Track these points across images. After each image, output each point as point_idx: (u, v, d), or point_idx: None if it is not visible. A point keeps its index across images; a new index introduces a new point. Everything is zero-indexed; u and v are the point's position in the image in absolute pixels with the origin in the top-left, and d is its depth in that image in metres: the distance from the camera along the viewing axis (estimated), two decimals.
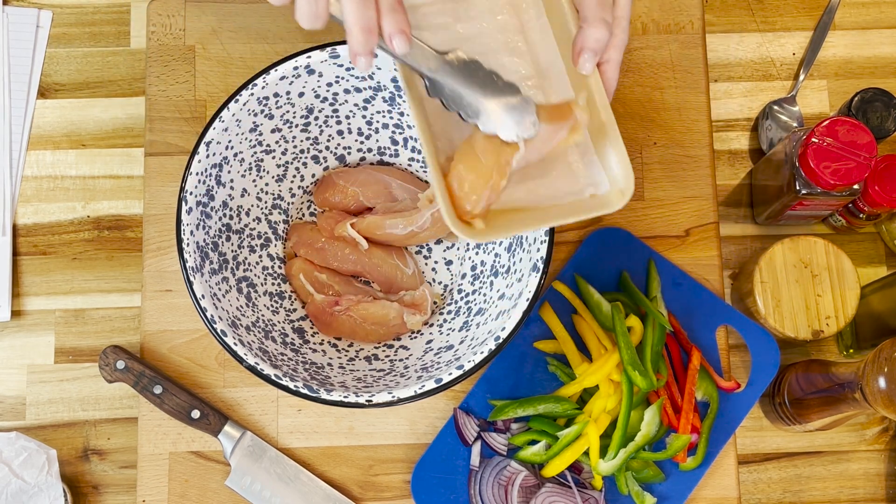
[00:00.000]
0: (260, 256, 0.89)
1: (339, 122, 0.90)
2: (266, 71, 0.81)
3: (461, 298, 0.89)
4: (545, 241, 0.78)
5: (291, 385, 0.77)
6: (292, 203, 0.92)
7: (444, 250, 0.93)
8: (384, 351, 0.88)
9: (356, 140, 0.92)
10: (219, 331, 0.78)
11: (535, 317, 0.88)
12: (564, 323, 0.88)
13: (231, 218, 0.86)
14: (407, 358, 0.86)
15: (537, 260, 0.78)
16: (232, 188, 0.86)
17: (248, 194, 0.88)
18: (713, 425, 0.86)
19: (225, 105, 0.81)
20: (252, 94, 0.81)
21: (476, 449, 0.85)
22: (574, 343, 0.87)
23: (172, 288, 0.93)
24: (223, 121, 0.81)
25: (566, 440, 0.83)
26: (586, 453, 0.84)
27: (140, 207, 1.06)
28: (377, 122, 0.90)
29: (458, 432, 0.86)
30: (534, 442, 0.85)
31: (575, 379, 0.86)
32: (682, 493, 0.85)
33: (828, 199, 0.99)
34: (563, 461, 0.84)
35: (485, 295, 0.86)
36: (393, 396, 0.76)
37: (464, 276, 0.91)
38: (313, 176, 0.93)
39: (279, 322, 0.87)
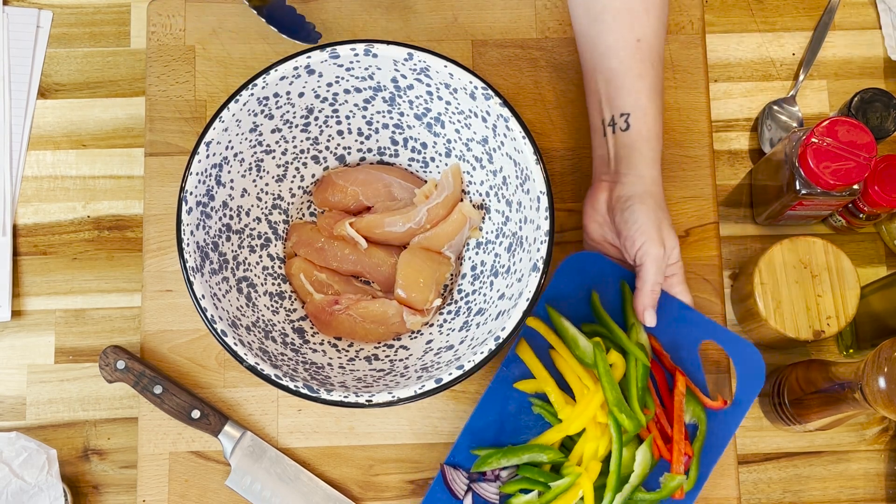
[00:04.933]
0: (260, 256, 0.89)
1: (339, 122, 0.90)
2: (266, 71, 0.81)
3: (461, 298, 0.89)
4: (545, 241, 0.78)
5: (291, 385, 0.77)
6: (292, 203, 0.92)
7: None
8: (384, 351, 0.88)
9: (356, 140, 0.92)
10: (219, 331, 0.78)
11: (512, 356, 0.84)
12: (543, 360, 0.83)
13: (231, 218, 0.86)
14: (407, 358, 0.86)
15: (537, 260, 0.78)
16: (232, 188, 0.86)
17: (248, 194, 0.88)
18: (703, 446, 0.83)
19: (225, 105, 0.81)
20: (252, 94, 0.81)
21: (468, 502, 0.83)
22: (555, 382, 0.83)
23: (172, 288, 0.93)
24: (223, 121, 0.81)
25: (558, 490, 0.81)
26: (581, 498, 0.81)
27: (140, 207, 1.06)
28: (377, 122, 0.90)
29: (448, 487, 0.83)
30: (525, 490, 0.82)
31: (560, 419, 0.82)
32: None
33: (828, 200, 0.99)
34: None
35: (485, 295, 0.86)
36: (393, 396, 0.76)
37: (464, 276, 0.91)
38: (313, 176, 0.93)
39: (279, 322, 0.87)
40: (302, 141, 0.90)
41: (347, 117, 0.89)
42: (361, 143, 0.92)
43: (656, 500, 0.81)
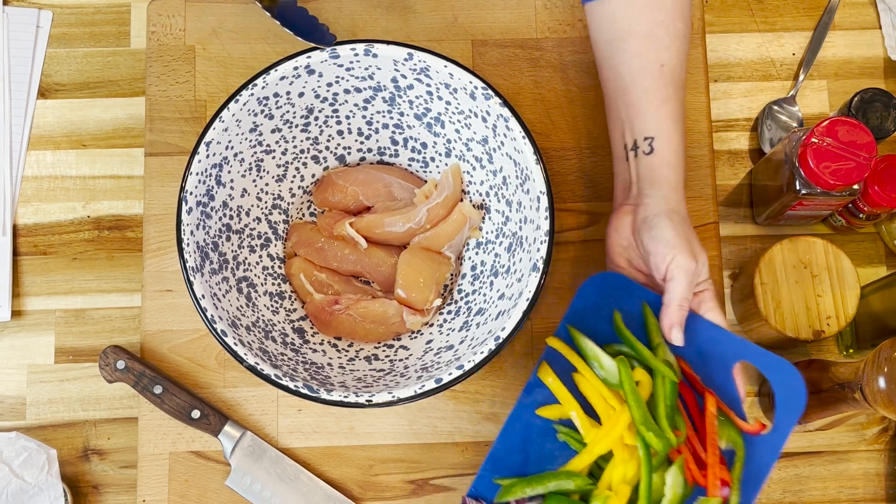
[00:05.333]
0: (260, 256, 0.89)
1: (339, 122, 0.90)
2: (266, 71, 0.81)
3: (461, 298, 0.89)
4: (545, 241, 0.78)
5: (291, 385, 0.77)
6: (292, 203, 0.92)
7: None
8: (384, 351, 0.88)
9: (356, 140, 0.92)
10: (219, 331, 0.78)
11: (535, 382, 0.79)
12: (567, 384, 0.79)
13: (231, 218, 0.86)
14: (407, 358, 0.86)
15: (537, 260, 0.78)
16: (232, 188, 0.86)
17: (248, 194, 0.88)
18: (742, 474, 0.76)
19: (225, 105, 0.81)
20: (252, 94, 0.81)
21: None
22: (580, 405, 0.78)
23: (172, 288, 0.93)
24: (223, 121, 0.81)
25: None
26: None
27: (140, 207, 1.06)
28: (377, 122, 0.90)
29: None
30: None
31: (586, 444, 0.78)
32: None
33: (828, 199, 0.99)
34: None
35: (485, 295, 0.86)
36: (393, 396, 0.76)
37: (464, 276, 0.91)
38: (313, 176, 0.93)
39: (279, 322, 0.87)
40: (302, 141, 0.90)
41: (347, 117, 0.89)
42: (361, 143, 0.92)
43: None
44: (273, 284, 0.89)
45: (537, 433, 0.79)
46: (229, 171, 0.85)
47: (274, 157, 0.89)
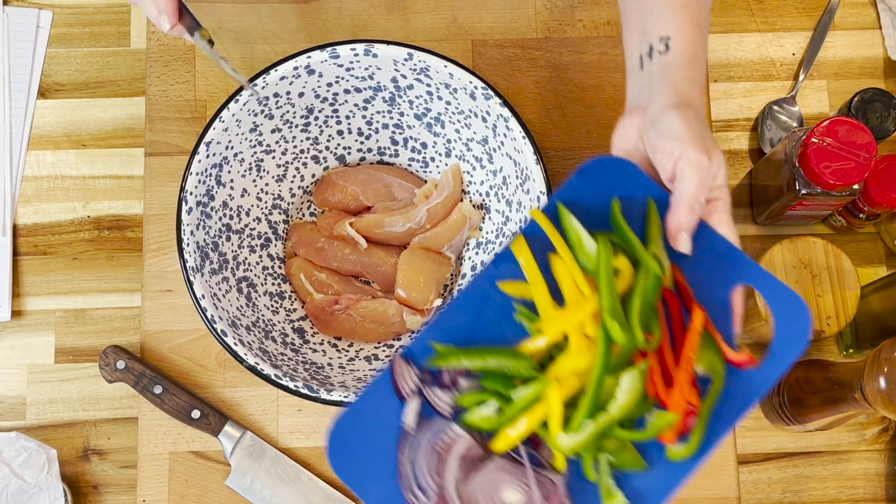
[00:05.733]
0: (260, 256, 0.89)
1: (339, 122, 0.90)
2: (266, 71, 0.81)
3: None
4: None
5: (291, 385, 0.77)
6: (292, 203, 0.92)
7: None
8: (384, 351, 0.88)
9: (356, 140, 0.92)
10: (219, 331, 0.78)
11: (506, 254, 0.69)
12: (540, 264, 0.69)
13: (231, 218, 0.86)
14: None
15: None
16: (232, 188, 0.86)
17: (248, 194, 0.88)
18: (715, 407, 0.67)
19: (225, 105, 0.81)
20: (252, 95, 0.81)
21: (413, 406, 0.66)
22: (547, 287, 0.68)
23: (172, 288, 0.93)
24: (223, 121, 0.81)
25: (521, 404, 0.66)
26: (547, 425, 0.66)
27: (140, 207, 1.06)
28: (377, 122, 0.90)
29: (394, 384, 0.67)
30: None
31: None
32: (665, 489, 0.66)
33: (828, 199, 0.99)
34: (517, 433, 0.66)
35: None
36: None
37: (464, 275, 0.91)
38: (313, 176, 0.93)
39: (279, 322, 0.87)
40: (302, 141, 0.90)
41: (347, 117, 0.89)
42: (361, 143, 0.92)
43: (637, 440, 0.66)
44: (273, 284, 0.89)
45: (494, 309, 0.69)
46: (229, 171, 0.85)
47: (274, 157, 0.89)
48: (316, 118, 0.88)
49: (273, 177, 0.90)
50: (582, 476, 0.66)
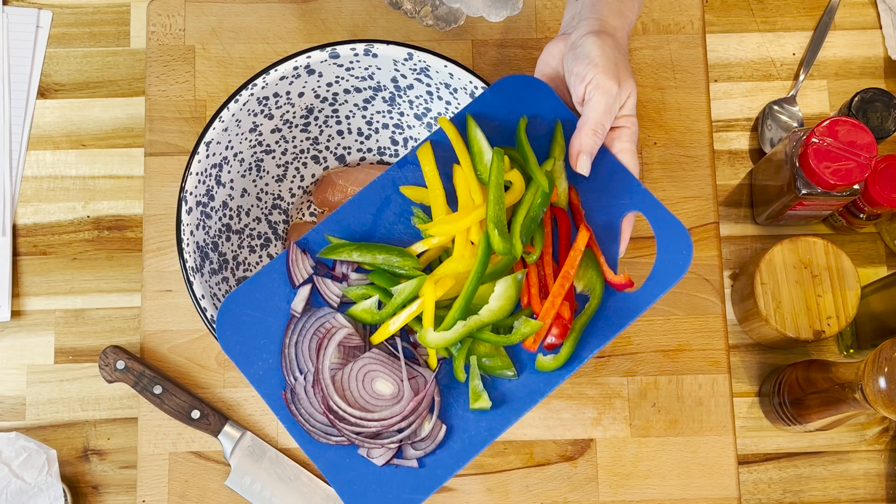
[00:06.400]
0: (260, 256, 0.89)
1: (339, 122, 0.90)
2: (266, 71, 0.81)
3: None
4: None
5: None
6: (292, 203, 0.92)
7: None
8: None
9: (356, 140, 0.92)
10: None
11: (411, 158, 0.72)
12: (444, 174, 0.72)
13: (231, 218, 0.86)
14: None
15: None
16: (232, 188, 0.86)
17: (248, 194, 0.88)
18: (588, 325, 0.69)
19: (225, 105, 0.81)
20: (252, 94, 0.81)
21: (303, 293, 0.70)
22: (445, 195, 0.71)
23: (172, 288, 0.93)
24: (223, 121, 0.81)
25: (400, 299, 0.69)
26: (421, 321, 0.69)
27: (140, 207, 1.06)
28: (377, 122, 0.90)
29: (288, 271, 0.70)
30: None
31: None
32: (531, 398, 0.69)
33: (828, 199, 0.99)
34: (393, 326, 0.69)
35: None
36: None
37: None
38: (313, 176, 0.93)
39: None
40: (302, 141, 0.90)
41: (347, 117, 0.89)
42: (361, 143, 0.92)
43: (503, 343, 0.68)
44: None
45: (393, 210, 0.72)
46: (229, 171, 0.85)
47: (274, 157, 0.89)
48: (316, 118, 0.88)
49: (273, 177, 0.90)
50: (453, 377, 0.69)
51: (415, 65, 0.82)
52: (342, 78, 0.84)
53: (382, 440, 0.67)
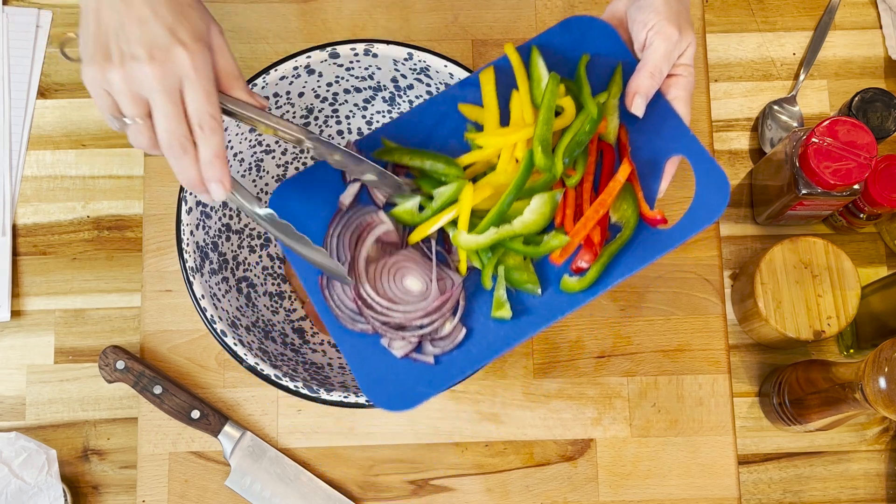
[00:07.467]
0: (260, 256, 0.89)
1: (339, 122, 0.90)
2: (266, 71, 0.81)
3: None
4: None
5: (291, 385, 0.77)
6: None
7: None
8: None
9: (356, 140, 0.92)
10: (219, 331, 0.78)
11: (473, 80, 0.75)
12: (504, 99, 0.75)
13: (231, 218, 0.86)
14: None
15: None
16: None
17: None
18: (617, 254, 0.71)
19: None
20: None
21: (353, 189, 0.74)
22: (500, 116, 0.74)
23: (172, 288, 0.93)
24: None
25: (440, 201, 0.72)
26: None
27: (140, 207, 1.06)
28: (377, 122, 0.90)
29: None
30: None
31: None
32: (551, 314, 0.71)
33: (828, 199, 0.99)
34: (430, 226, 0.72)
35: None
36: None
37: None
38: None
39: (279, 322, 0.87)
40: None
41: (347, 117, 0.89)
42: None
43: (531, 254, 0.70)
44: (273, 284, 0.89)
45: (448, 125, 0.76)
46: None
47: (274, 157, 0.89)
48: (316, 118, 0.88)
49: (273, 177, 0.90)
50: (480, 286, 0.72)
51: (415, 65, 0.82)
52: (342, 78, 0.84)
53: (405, 332, 0.70)
